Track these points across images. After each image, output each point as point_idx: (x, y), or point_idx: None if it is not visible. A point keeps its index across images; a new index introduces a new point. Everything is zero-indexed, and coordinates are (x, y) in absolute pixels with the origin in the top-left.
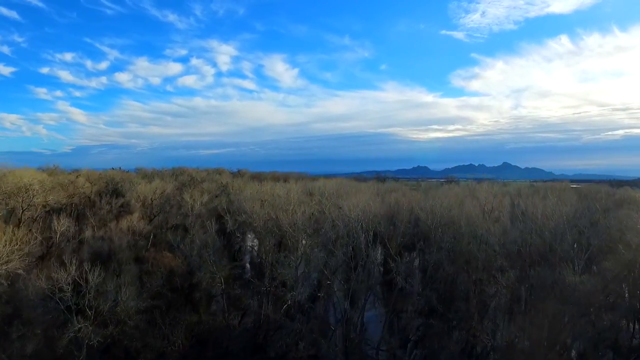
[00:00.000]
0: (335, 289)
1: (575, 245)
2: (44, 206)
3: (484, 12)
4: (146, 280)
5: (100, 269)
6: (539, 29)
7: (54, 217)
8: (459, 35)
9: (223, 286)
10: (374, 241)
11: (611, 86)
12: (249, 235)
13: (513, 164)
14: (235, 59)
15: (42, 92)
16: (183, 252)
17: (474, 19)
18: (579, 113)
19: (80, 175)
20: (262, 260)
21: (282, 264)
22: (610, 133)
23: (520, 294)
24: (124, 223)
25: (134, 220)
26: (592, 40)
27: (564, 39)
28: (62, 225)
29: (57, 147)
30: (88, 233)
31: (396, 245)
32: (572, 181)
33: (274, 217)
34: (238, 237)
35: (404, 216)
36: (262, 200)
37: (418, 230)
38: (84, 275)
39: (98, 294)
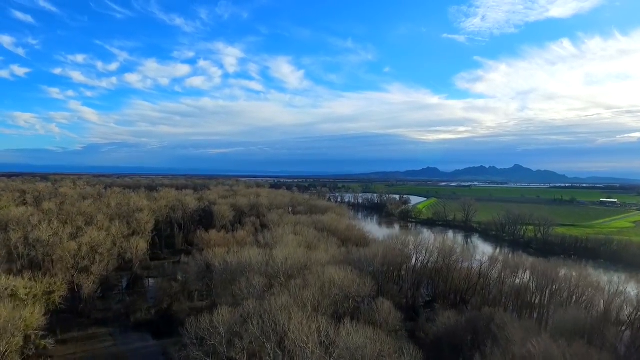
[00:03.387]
0: None
1: None
2: None
3: (484, 17)
4: None
5: None
6: (540, 33)
7: None
8: (460, 38)
9: None
10: None
11: (617, 89)
12: None
13: (525, 166)
14: (242, 61)
15: (54, 92)
16: None
17: (474, 23)
18: (589, 116)
19: None
20: None
21: None
22: (626, 136)
23: None
24: None
25: None
26: (594, 43)
27: (566, 42)
28: None
29: (69, 145)
30: None
31: None
32: (589, 185)
33: None
34: None
35: None
36: None
37: None
38: None
39: None
